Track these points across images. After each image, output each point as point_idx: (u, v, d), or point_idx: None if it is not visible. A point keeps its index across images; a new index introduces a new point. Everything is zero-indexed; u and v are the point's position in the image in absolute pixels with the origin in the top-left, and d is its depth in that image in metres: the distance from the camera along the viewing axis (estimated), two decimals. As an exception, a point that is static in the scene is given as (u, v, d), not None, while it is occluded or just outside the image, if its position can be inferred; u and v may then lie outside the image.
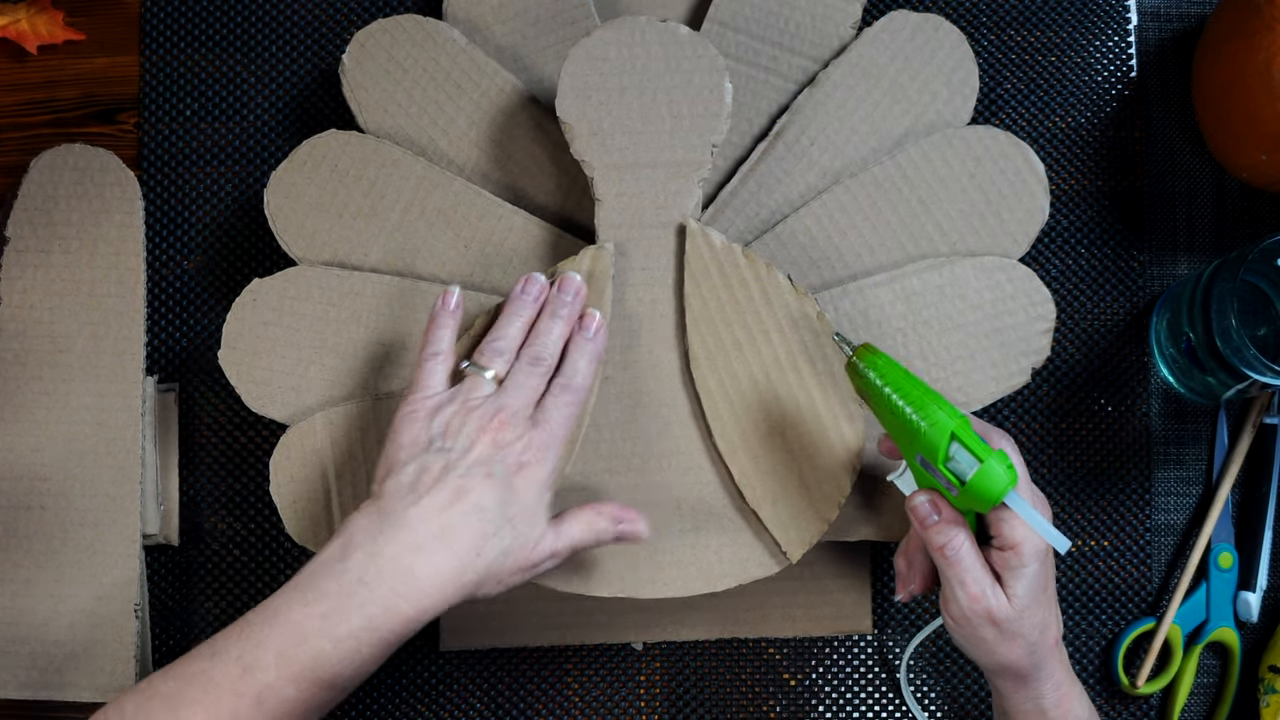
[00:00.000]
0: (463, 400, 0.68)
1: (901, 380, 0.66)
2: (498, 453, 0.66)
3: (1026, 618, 0.66)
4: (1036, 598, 0.66)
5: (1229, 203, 0.85)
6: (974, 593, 0.65)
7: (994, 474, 0.63)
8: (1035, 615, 0.66)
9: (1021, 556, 0.65)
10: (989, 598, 0.65)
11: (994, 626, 0.66)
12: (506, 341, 0.70)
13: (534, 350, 0.70)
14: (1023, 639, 0.66)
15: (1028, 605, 0.65)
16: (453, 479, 0.65)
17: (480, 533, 0.64)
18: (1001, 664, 0.67)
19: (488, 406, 0.67)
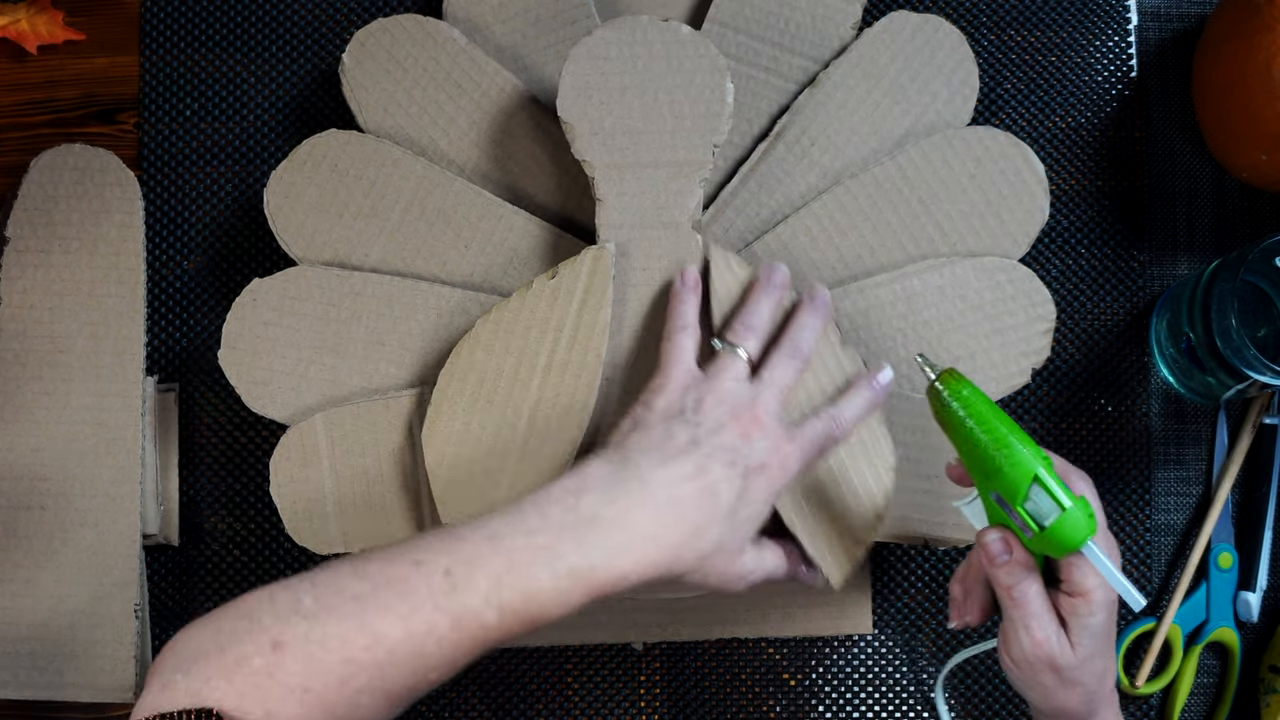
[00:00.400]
0: (718, 379, 0.67)
1: (986, 412, 0.64)
2: (745, 445, 0.65)
3: (1088, 666, 0.64)
4: (1100, 647, 0.64)
5: (1229, 203, 0.85)
6: (1039, 638, 0.63)
7: (1075, 523, 0.61)
8: (1097, 664, 0.64)
9: (1091, 605, 0.63)
10: (1053, 644, 0.63)
11: (1055, 673, 0.64)
12: (759, 320, 0.70)
13: (794, 342, 0.69)
14: (1082, 687, 0.64)
15: (1091, 654, 0.64)
16: (697, 455, 0.64)
17: (708, 516, 0.63)
18: (1057, 709, 0.65)
19: (744, 394, 0.67)
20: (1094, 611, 0.63)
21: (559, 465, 0.73)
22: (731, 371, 0.68)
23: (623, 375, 0.74)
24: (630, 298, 0.74)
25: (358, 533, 0.75)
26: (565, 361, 0.73)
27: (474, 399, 0.73)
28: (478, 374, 0.73)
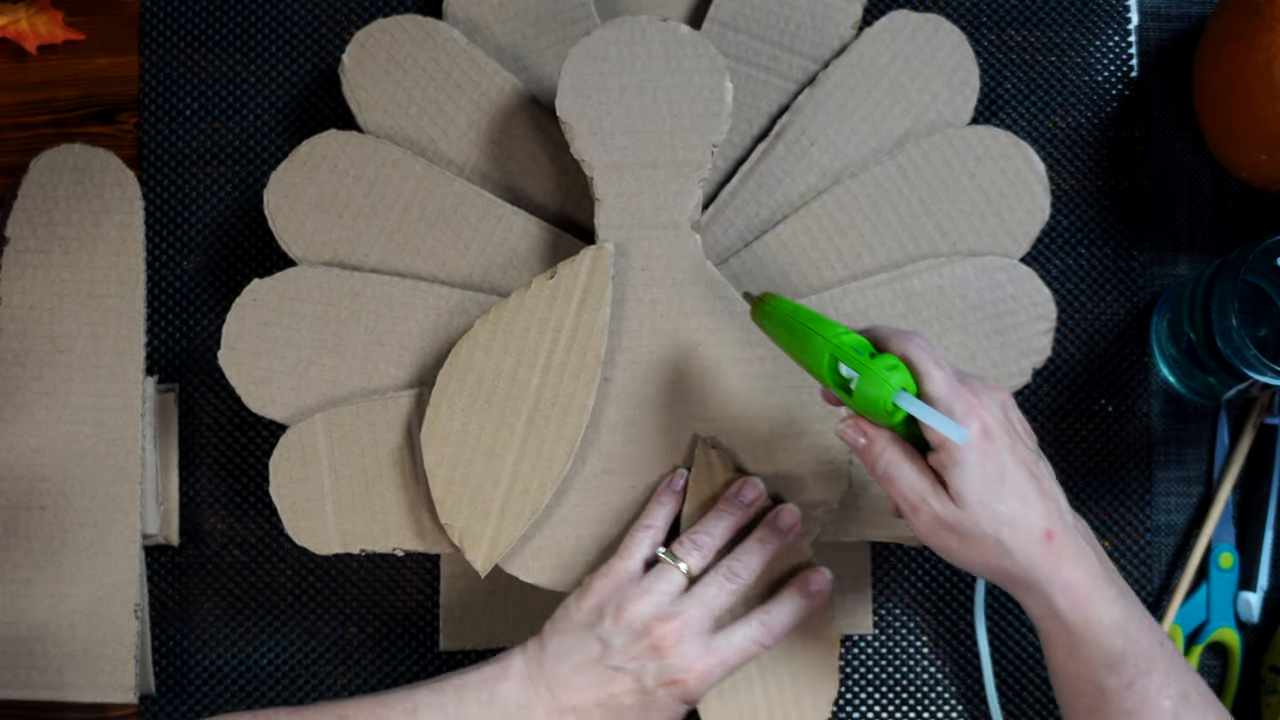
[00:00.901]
0: (649, 589, 0.69)
1: (792, 314, 0.65)
2: (656, 659, 0.67)
3: (982, 512, 0.61)
4: (990, 490, 0.61)
5: (1229, 203, 0.85)
6: (914, 502, 0.62)
7: (875, 382, 0.61)
8: (993, 509, 0.61)
9: (951, 453, 0.61)
10: (931, 504, 0.62)
11: (950, 532, 0.62)
12: (709, 539, 0.71)
13: (732, 567, 0.70)
14: (988, 538, 0.61)
15: (979, 500, 0.61)
16: (604, 667, 0.67)
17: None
18: (984, 570, 0.63)
19: (666, 609, 0.68)
20: (957, 458, 0.61)
21: (558, 466, 0.73)
22: (664, 584, 0.69)
23: (621, 375, 0.74)
24: (629, 298, 0.74)
25: (357, 533, 0.75)
26: (564, 362, 0.73)
27: (473, 399, 0.73)
28: (476, 374, 0.73)
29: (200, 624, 0.82)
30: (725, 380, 0.74)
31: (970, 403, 0.62)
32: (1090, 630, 0.62)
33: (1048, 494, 0.63)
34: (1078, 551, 0.63)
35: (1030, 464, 0.63)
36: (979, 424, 0.61)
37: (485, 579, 0.80)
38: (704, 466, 0.73)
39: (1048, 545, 0.62)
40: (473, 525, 0.73)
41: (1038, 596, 0.62)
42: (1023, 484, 0.62)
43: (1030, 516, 0.62)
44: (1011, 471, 0.62)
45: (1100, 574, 0.63)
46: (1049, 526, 0.62)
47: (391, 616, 0.82)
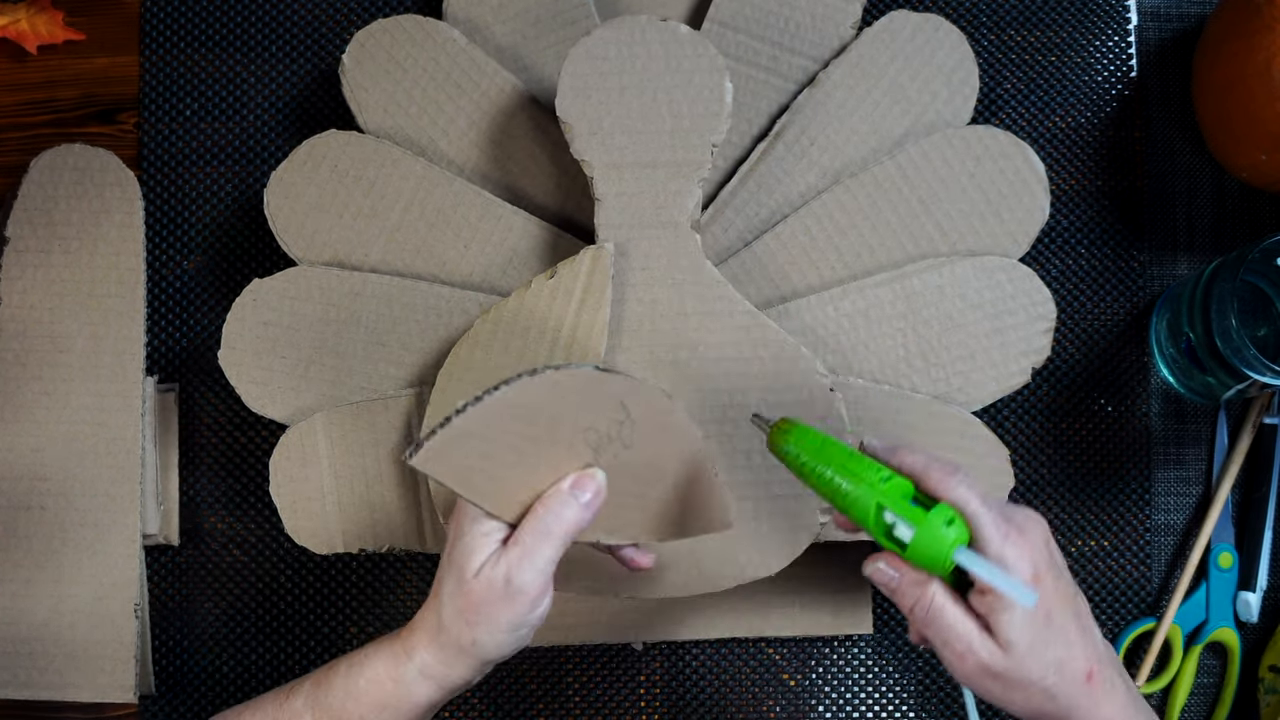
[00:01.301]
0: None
1: (814, 457, 0.62)
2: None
3: (1031, 661, 0.59)
4: (1040, 637, 0.59)
5: (1229, 203, 0.85)
6: (959, 650, 0.60)
7: (932, 539, 0.59)
8: (1042, 656, 0.59)
9: (1003, 599, 0.59)
10: (977, 651, 0.59)
11: (994, 679, 0.60)
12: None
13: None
14: (1033, 685, 0.60)
15: (1030, 646, 0.59)
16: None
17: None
18: (1024, 712, 0.61)
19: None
20: (1009, 605, 0.59)
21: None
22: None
23: (622, 375, 0.74)
24: (629, 298, 0.74)
25: (357, 533, 0.75)
26: (564, 361, 0.73)
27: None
28: (477, 374, 0.73)
29: (200, 624, 0.82)
30: (725, 381, 0.74)
31: (1021, 548, 0.60)
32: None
33: (1088, 631, 0.61)
34: (1112, 687, 0.61)
35: (1072, 602, 0.61)
36: (1030, 568, 0.60)
37: (485, 579, 0.80)
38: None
39: (1089, 686, 0.61)
40: (473, 525, 0.73)
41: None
42: (1068, 626, 0.61)
43: (1075, 660, 0.60)
44: (1058, 614, 0.60)
45: (1131, 708, 0.62)
46: (1090, 667, 0.61)
47: (391, 616, 0.82)
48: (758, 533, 0.74)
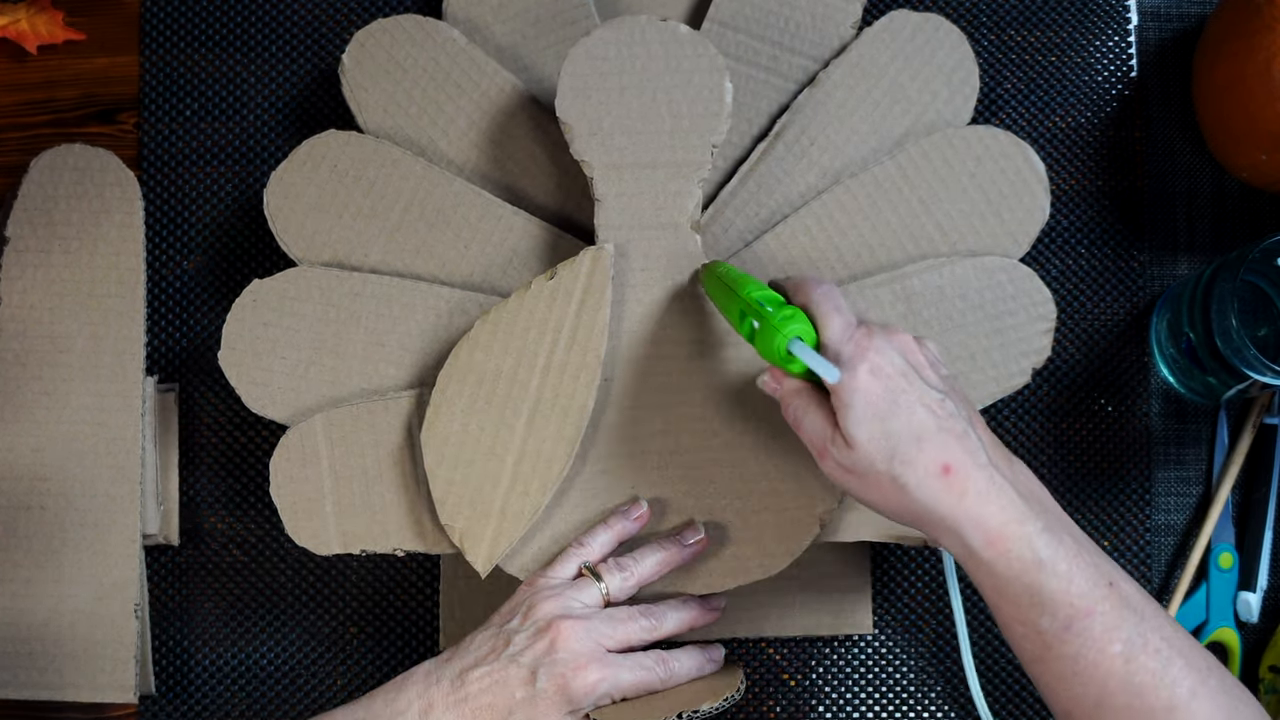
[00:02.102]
0: (561, 592, 0.70)
1: (724, 277, 0.69)
2: (550, 654, 0.67)
3: (871, 450, 0.61)
4: (877, 427, 0.61)
5: (1229, 203, 0.85)
6: (818, 447, 0.64)
7: (769, 331, 0.63)
8: (882, 445, 0.61)
9: (839, 395, 0.61)
10: (829, 448, 0.63)
11: (850, 474, 0.62)
12: (636, 566, 0.72)
13: (652, 611, 0.72)
14: (881, 476, 0.61)
15: (868, 438, 0.61)
16: (501, 659, 0.68)
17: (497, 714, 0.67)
18: (892, 512, 0.63)
19: (576, 611, 0.69)
20: (845, 400, 0.61)
21: (558, 466, 0.73)
22: (578, 593, 0.70)
23: (621, 376, 0.74)
24: (629, 298, 0.74)
25: (357, 533, 0.75)
26: (564, 362, 0.73)
27: (473, 400, 0.73)
28: (476, 375, 0.73)
29: (200, 624, 0.82)
30: (725, 381, 0.74)
31: (862, 346, 0.62)
32: (1010, 567, 0.60)
33: (949, 429, 0.61)
34: (989, 487, 0.61)
35: (930, 401, 0.62)
36: (867, 365, 0.62)
37: (485, 579, 0.80)
38: None
39: (946, 479, 0.60)
40: (473, 526, 0.73)
41: (949, 535, 0.61)
42: (916, 420, 0.61)
43: (925, 451, 0.61)
44: (902, 408, 0.61)
45: (1020, 510, 0.60)
46: (946, 460, 0.60)
47: (391, 616, 0.83)
48: (758, 533, 0.74)
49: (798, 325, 0.64)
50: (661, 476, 0.74)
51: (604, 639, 0.69)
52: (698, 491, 0.74)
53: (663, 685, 0.70)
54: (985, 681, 0.82)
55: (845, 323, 0.64)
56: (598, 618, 0.69)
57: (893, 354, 0.63)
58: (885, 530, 0.76)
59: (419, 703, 0.67)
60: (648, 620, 0.71)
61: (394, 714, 0.67)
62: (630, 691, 0.69)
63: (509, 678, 0.67)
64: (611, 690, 0.68)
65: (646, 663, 0.70)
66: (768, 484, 0.74)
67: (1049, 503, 0.65)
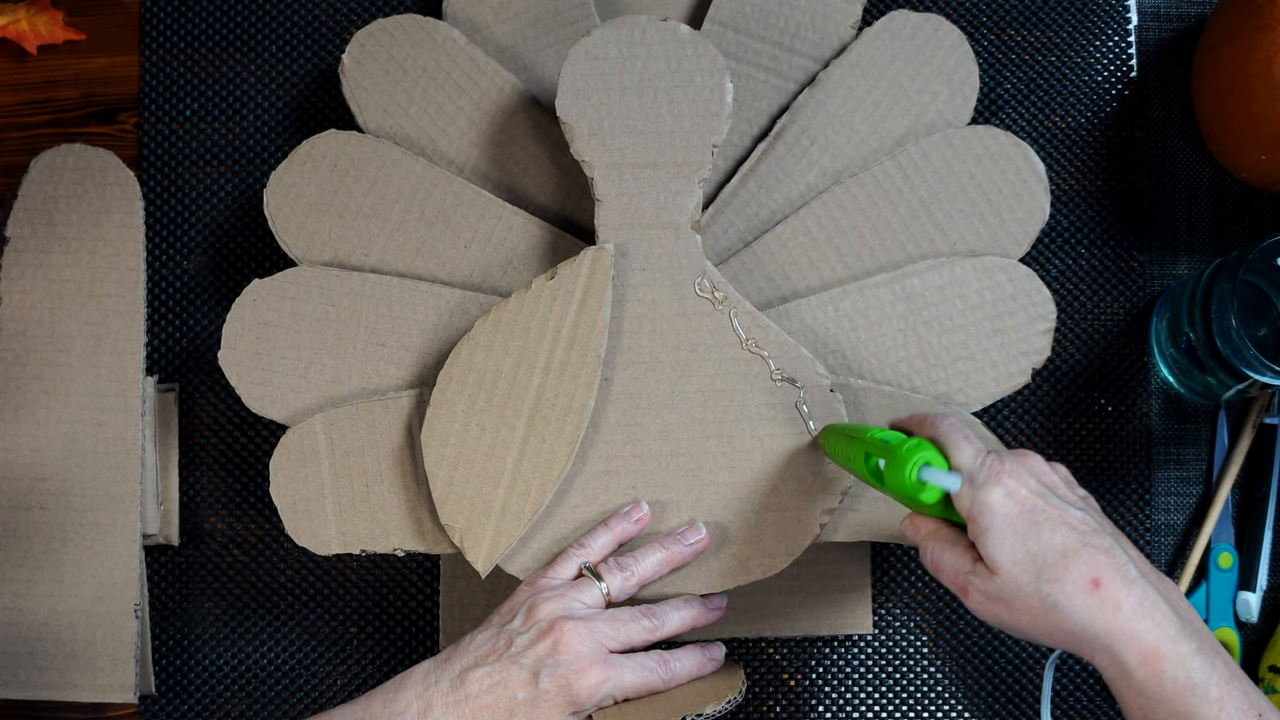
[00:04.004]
0: (563, 593, 0.70)
1: (842, 429, 0.69)
2: (552, 656, 0.67)
3: (1018, 574, 0.60)
4: (1021, 549, 0.60)
5: (1229, 203, 0.85)
6: (960, 584, 0.63)
7: (898, 464, 0.62)
8: (1028, 568, 0.60)
9: (979, 522, 0.61)
10: (973, 580, 0.62)
11: (998, 603, 0.61)
12: (637, 566, 0.72)
13: (654, 611, 0.72)
14: (1031, 599, 0.60)
15: (1013, 561, 0.60)
16: (503, 660, 0.67)
17: (499, 714, 0.67)
18: (1048, 637, 0.61)
19: (578, 613, 0.69)
20: (985, 526, 0.61)
21: (558, 466, 0.73)
22: (580, 593, 0.70)
23: (621, 376, 0.74)
24: (629, 298, 0.74)
25: (357, 533, 0.75)
26: (564, 362, 0.73)
27: (473, 400, 0.73)
28: (477, 375, 0.73)
29: (200, 624, 0.82)
30: (725, 380, 0.74)
31: (995, 470, 0.62)
32: (1162, 688, 0.59)
33: (1094, 545, 0.61)
34: (1142, 603, 0.59)
35: (1071, 519, 0.61)
36: (1002, 488, 0.61)
37: (485, 579, 0.80)
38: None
39: (1097, 594, 0.59)
40: (473, 526, 0.73)
41: (1104, 653, 0.60)
42: (1059, 537, 0.60)
43: (1073, 567, 0.60)
44: (1043, 527, 0.61)
45: (1175, 628, 0.59)
46: (1095, 575, 0.60)
47: (391, 616, 0.83)
48: (758, 533, 0.74)
49: (926, 453, 0.62)
50: (662, 476, 0.74)
51: (606, 640, 0.69)
52: (698, 491, 0.74)
53: (664, 686, 0.70)
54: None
55: (975, 450, 0.63)
56: (600, 619, 0.69)
57: (1026, 475, 0.62)
58: (885, 530, 0.76)
59: (418, 703, 0.67)
60: (650, 621, 0.71)
61: (393, 714, 0.66)
62: (632, 692, 0.69)
63: (510, 678, 0.67)
64: (614, 691, 0.68)
65: (648, 663, 0.70)
66: (768, 484, 0.74)
67: (1200, 623, 0.62)
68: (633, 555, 0.72)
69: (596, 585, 0.71)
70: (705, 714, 0.70)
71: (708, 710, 0.70)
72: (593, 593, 0.71)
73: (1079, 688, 0.82)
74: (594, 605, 0.70)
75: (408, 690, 0.67)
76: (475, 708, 0.66)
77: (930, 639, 0.82)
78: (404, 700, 0.67)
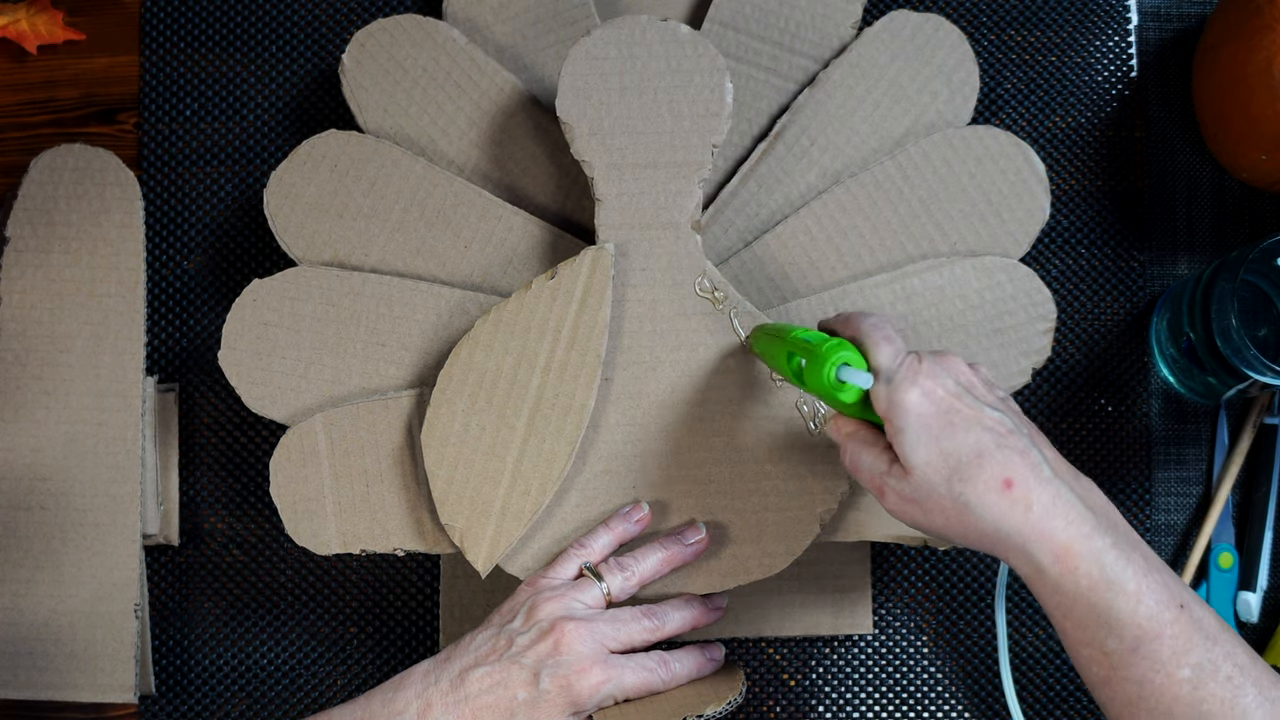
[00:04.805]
0: (563, 593, 0.70)
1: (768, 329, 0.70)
2: (553, 656, 0.67)
3: (930, 474, 0.60)
4: (934, 449, 0.60)
5: (1229, 203, 0.85)
6: (877, 484, 0.62)
7: (817, 364, 0.62)
8: (940, 467, 0.59)
9: (893, 421, 0.60)
10: (889, 481, 0.62)
11: (912, 504, 0.61)
12: (638, 566, 0.72)
13: (654, 611, 0.72)
14: (943, 499, 0.59)
15: (925, 461, 0.60)
16: (503, 660, 0.67)
17: (500, 714, 0.67)
18: (961, 537, 0.61)
19: (579, 613, 0.69)
20: (899, 425, 0.60)
21: (558, 466, 0.73)
22: (580, 593, 0.70)
23: (622, 376, 0.74)
24: (629, 298, 0.74)
25: (357, 533, 0.75)
26: (564, 362, 0.73)
27: (473, 400, 0.73)
28: (477, 374, 0.73)
29: (200, 624, 0.82)
30: (726, 380, 0.74)
31: (913, 369, 0.61)
32: (1077, 585, 0.58)
33: (1009, 445, 0.60)
34: (1054, 501, 0.59)
35: (987, 419, 0.60)
36: (919, 388, 0.61)
37: (485, 579, 0.80)
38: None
39: (1009, 494, 0.59)
40: (473, 525, 0.73)
41: (1016, 553, 0.59)
42: (973, 437, 0.60)
43: (986, 467, 0.59)
44: (958, 427, 0.60)
45: (1088, 524, 0.59)
46: (1008, 475, 0.59)
47: (391, 616, 0.83)
48: (758, 533, 0.74)
49: (845, 353, 0.62)
50: (662, 476, 0.74)
51: (607, 640, 0.69)
52: (698, 491, 0.74)
53: (664, 686, 0.70)
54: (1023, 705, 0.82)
55: (895, 350, 0.62)
56: (601, 619, 0.69)
57: (944, 376, 0.62)
58: (885, 530, 0.76)
59: (417, 703, 0.67)
60: (650, 621, 0.71)
61: (392, 714, 0.66)
62: (633, 693, 0.69)
63: (511, 678, 0.67)
64: (615, 692, 0.68)
65: (649, 664, 0.70)
66: (768, 484, 0.74)
67: (1117, 519, 0.62)
68: (633, 555, 0.72)
69: (597, 585, 0.71)
70: (706, 715, 0.70)
71: (708, 711, 0.70)
72: (593, 593, 0.71)
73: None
74: (594, 605, 0.70)
75: (407, 690, 0.67)
76: (475, 708, 0.66)
77: (930, 639, 0.82)
78: (403, 700, 0.67)
